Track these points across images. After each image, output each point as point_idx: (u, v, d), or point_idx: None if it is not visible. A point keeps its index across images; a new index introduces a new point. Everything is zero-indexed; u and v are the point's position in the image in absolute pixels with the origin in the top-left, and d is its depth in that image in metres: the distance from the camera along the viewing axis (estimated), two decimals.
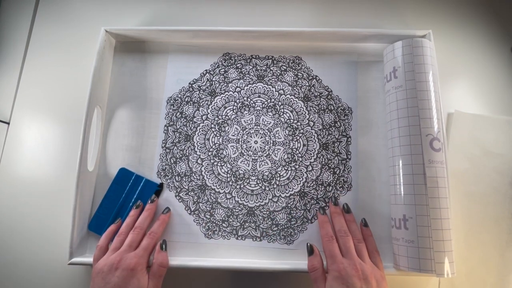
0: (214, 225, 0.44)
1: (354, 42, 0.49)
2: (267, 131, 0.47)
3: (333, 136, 0.47)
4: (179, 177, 0.46)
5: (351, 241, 0.39)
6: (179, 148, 0.47)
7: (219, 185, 0.46)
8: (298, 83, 0.49)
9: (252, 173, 0.46)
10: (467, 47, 0.51)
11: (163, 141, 0.47)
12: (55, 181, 0.47)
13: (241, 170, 0.46)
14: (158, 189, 0.45)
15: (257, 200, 0.45)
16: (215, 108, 0.48)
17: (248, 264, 0.41)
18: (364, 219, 0.43)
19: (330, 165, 0.46)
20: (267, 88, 0.49)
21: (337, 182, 0.45)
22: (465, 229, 0.43)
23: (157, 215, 0.44)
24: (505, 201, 0.44)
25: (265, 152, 0.46)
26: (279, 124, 0.47)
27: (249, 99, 0.48)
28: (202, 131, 0.47)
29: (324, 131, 0.47)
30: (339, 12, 0.53)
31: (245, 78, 0.49)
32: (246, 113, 0.48)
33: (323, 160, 0.46)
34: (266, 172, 0.46)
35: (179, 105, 0.48)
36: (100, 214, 0.45)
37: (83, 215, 0.43)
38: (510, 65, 0.51)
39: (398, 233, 0.40)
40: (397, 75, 0.43)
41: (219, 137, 0.47)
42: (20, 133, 0.50)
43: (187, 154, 0.47)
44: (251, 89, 0.49)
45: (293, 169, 0.46)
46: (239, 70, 0.50)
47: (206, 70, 0.50)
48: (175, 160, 0.47)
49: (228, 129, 0.47)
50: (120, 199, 0.45)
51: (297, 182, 0.45)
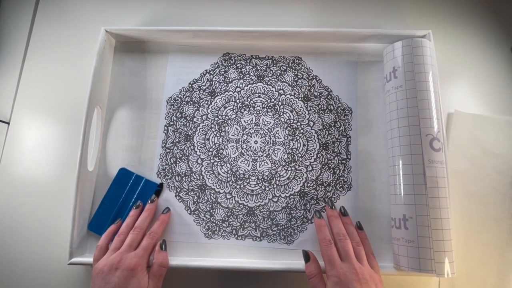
0: (214, 225, 0.44)
1: (354, 42, 0.49)
2: (267, 131, 0.47)
3: (333, 136, 0.47)
4: (179, 177, 0.46)
5: (350, 244, 0.38)
6: (179, 148, 0.47)
7: (219, 185, 0.46)
8: (298, 83, 0.49)
9: (252, 173, 0.46)
10: (467, 47, 0.51)
11: (163, 141, 0.47)
12: (55, 181, 0.47)
13: (241, 170, 0.46)
14: (158, 189, 0.45)
15: (257, 200, 0.45)
16: (215, 108, 0.48)
17: (248, 264, 0.41)
18: (358, 221, 0.42)
19: (330, 165, 0.46)
20: (267, 88, 0.49)
21: (337, 182, 0.45)
22: (465, 229, 0.43)
23: (157, 215, 0.44)
24: (505, 201, 0.44)
25: (265, 152, 0.46)
26: (279, 124, 0.47)
27: (249, 99, 0.48)
28: (202, 131, 0.47)
29: (324, 131, 0.47)
30: (339, 12, 0.53)
31: (245, 78, 0.49)
32: (246, 113, 0.48)
33: (323, 160, 0.46)
34: (266, 172, 0.46)
35: (179, 105, 0.48)
36: (100, 214, 0.45)
37: (83, 215, 0.43)
38: (510, 65, 0.51)
39: (398, 233, 0.40)
40: (397, 75, 0.43)
41: (219, 137, 0.47)
42: (20, 133, 0.50)
43: (187, 154, 0.47)
44: (251, 89, 0.49)
45: (293, 169, 0.46)
46: (239, 70, 0.50)
47: (206, 70, 0.50)
48: (175, 160, 0.47)
49: (228, 129, 0.47)
50: (120, 199, 0.45)
51: (297, 182, 0.45)
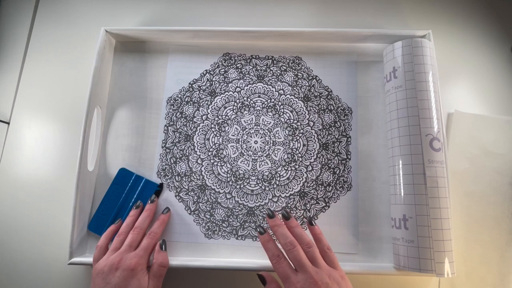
0: (214, 225, 0.44)
1: (354, 42, 0.49)
2: (267, 131, 0.47)
3: (333, 136, 0.47)
4: (179, 177, 0.46)
5: (300, 251, 0.35)
6: (179, 148, 0.47)
7: (219, 185, 0.46)
8: (298, 83, 0.49)
9: (252, 173, 0.46)
10: (467, 47, 0.51)
11: (163, 141, 0.47)
12: (55, 181, 0.47)
13: (241, 170, 0.46)
14: (158, 189, 0.45)
15: (257, 200, 0.45)
16: (215, 108, 0.48)
17: (248, 264, 0.41)
18: (309, 216, 0.40)
19: (330, 165, 0.46)
20: (267, 88, 0.49)
21: (337, 182, 0.45)
22: (465, 229, 0.43)
23: (157, 215, 0.44)
24: (505, 201, 0.44)
25: (265, 152, 0.46)
26: (279, 124, 0.47)
27: (249, 99, 0.48)
28: (202, 131, 0.47)
29: (324, 131, 0.47)
30: (339, 12, 0.53)
31: (245, 78, 0.49)
32: (246, 113, 0.48)
33: (323, 160, 0.46)
34: (266, 172, 0.46)
35: (179, 105, 0.48)
36: (100, 214, 0.45)
37: (83, 215, 0.43)
38: (510, 65, 0.51)
39: (398, 233, 0.40)
40: (397, 75, 0.43)
41: (219, 137, 0.47)
42: (20, 133, 0.50)
43: (187, 154, 0.47)
44: (251, 89, 0.49)
45: (293, 169, 0.46)
46: (239, 70, 0.49)
47: (206, 70, 0.50)
48: (175, 160, 0.47)
49: (228, 129, 0.47)
50: (120, 199, 0.45)
51: (297, 182, 0.45)
